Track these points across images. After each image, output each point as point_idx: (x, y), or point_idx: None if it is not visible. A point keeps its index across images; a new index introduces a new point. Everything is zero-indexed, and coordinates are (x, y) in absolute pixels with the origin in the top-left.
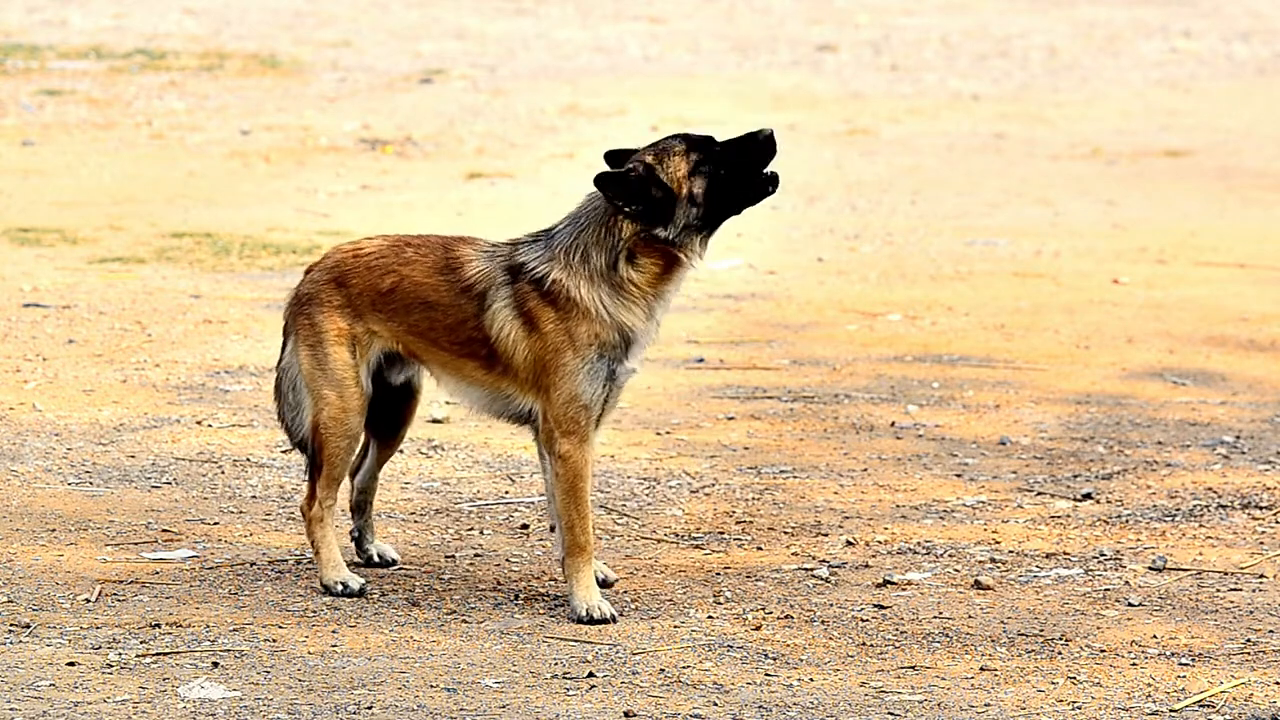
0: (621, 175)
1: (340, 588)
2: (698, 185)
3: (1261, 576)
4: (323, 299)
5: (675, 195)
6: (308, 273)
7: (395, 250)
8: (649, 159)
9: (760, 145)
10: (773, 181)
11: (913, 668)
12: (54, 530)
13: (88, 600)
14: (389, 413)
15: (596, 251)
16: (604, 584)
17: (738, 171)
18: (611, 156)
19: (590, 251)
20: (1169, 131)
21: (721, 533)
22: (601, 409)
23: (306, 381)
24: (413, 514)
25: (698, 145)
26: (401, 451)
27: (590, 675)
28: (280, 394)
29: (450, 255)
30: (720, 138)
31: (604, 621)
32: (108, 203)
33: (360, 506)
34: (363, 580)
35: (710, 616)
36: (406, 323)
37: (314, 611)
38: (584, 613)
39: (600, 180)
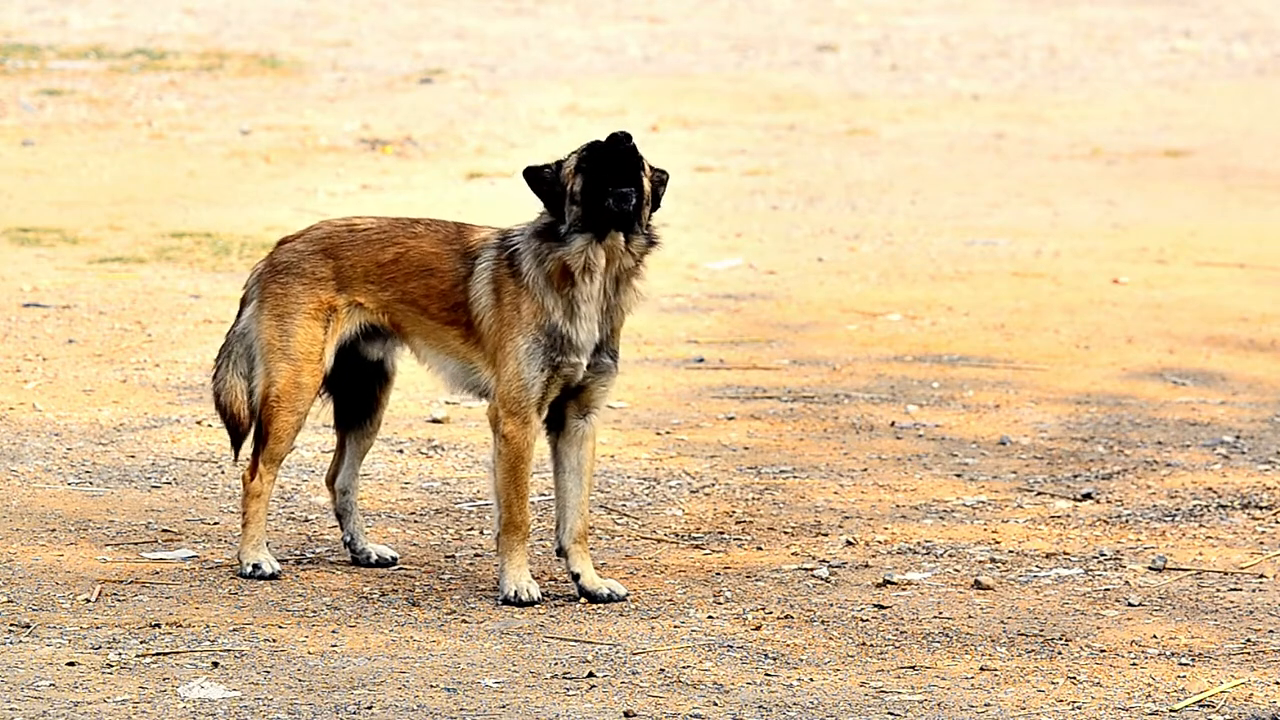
0: (538, 169)
1: (252, 569)
2: (577, 183)
3: (1261, 576)
4: (305, 270)
5: (564, 190)
6: (284, 243)
7: (403, 226)
8: (564, 158)
9: (604, 148)
10: (614, 192)
11: (913, 668)
12: (54, 530)
13: (88, 600)
14: (361, 399)
15: (540, 236)
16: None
17: (599, 174)
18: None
19: (538, 233)
20: (1169, 131)
21: (721, 533)
22: (543, 393)
23: (264, 352)
24: (413, 514)
25: (589, 146)
26: (401, 451)
27: (590, 675)
28: (226, 357)
29: (462, 229)
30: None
31: (530, 603)
32: (108, 203)
33: (345, 510)
34: (278, 566)
35: (710, 616)
36: (402, 290)
37: (314, 611)
38: (512, 593)
39: (525, 172)
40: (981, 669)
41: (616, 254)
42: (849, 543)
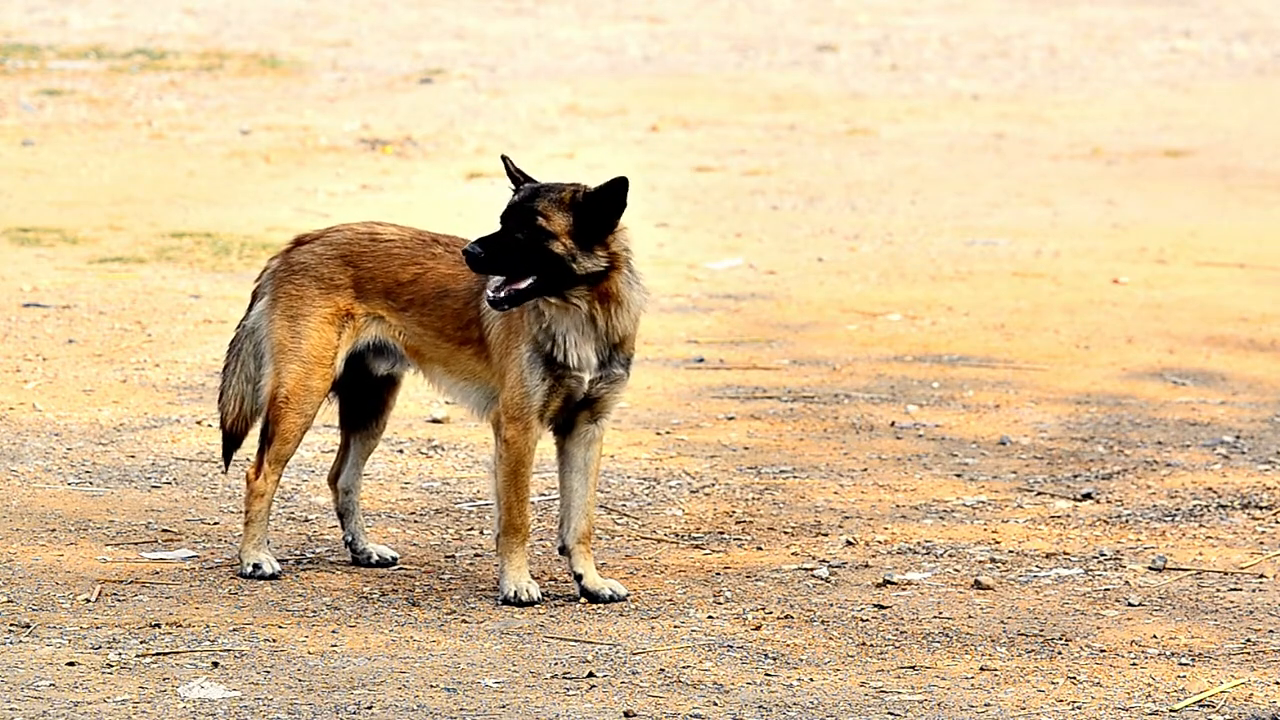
0: (515, 169)
1: (252, 568)
2: None
3: (1261, 576)
4: (323, 274)
5: None
6: (301, 243)
7: (422, 244)
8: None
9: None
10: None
11: (913, 668)
12: (54, 530)
13: (88, 600)
14: (368, 401)
15: None
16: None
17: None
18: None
19: None
20: (1169, 131)
21: (721, 533)
22: (545, 401)
23: (274, 352)
24: (413, 514)
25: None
26: (401, 451)
27: (590, 675)
28: (234, 356)
29: None
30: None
31: (530, 604)
32: (108, 203)
33: (347, 509)
34: (279, 566)
35: (710, 616)
36: (419, 315)
37: (314, 611)
38: (512, 593)
39: (505, 159)
40: (981, 669)
41: (555, 304)
42: (849, 543)
